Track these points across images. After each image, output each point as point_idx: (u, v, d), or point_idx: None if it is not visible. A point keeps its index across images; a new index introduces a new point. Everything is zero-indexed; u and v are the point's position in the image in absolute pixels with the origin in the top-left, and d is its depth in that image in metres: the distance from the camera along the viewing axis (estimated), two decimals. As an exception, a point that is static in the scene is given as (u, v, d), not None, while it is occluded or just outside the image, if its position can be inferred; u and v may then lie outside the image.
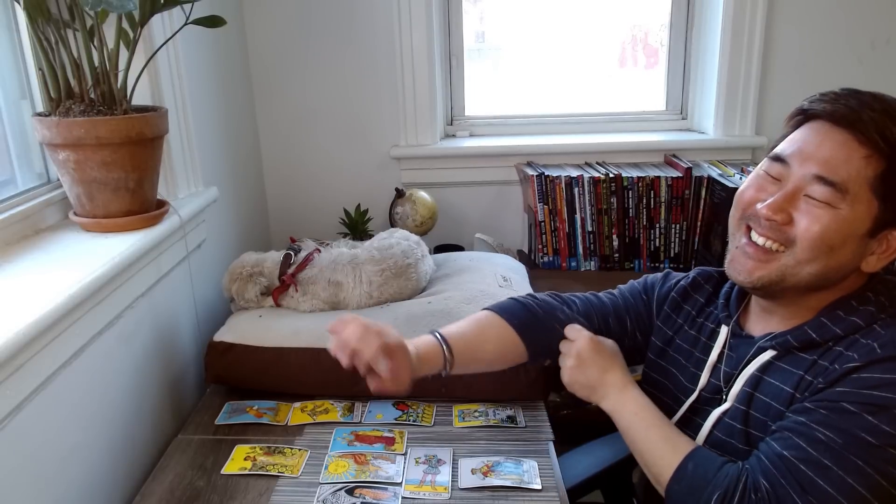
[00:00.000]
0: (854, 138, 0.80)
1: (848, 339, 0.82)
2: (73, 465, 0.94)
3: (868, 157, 0.79)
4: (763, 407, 0.86)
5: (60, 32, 1.02)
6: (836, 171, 0.80)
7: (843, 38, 1.82)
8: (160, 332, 1.22)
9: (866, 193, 0.79)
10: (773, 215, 0.83)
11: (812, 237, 0.81)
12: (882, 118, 0.79)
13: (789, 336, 0.86)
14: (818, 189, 0.81)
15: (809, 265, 0.83)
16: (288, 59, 1.85)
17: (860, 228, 0.81)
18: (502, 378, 1.17)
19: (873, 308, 0.83)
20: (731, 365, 0.93)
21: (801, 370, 0.84)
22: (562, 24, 2.05)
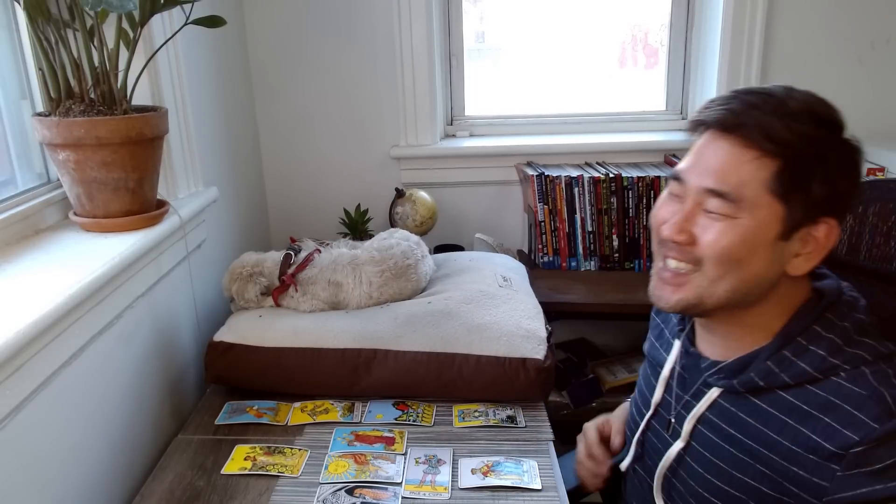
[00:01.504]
0: (740, 143, 0.76)
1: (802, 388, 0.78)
2: (73, 465, 0.94)
3: (757, 159, 0.75)
4: (726, 455, 0.83)
5: (60, 32, 1.02)
6: (727, 181, 0.76)
7: (843, 38, 1.82)
8: (160, 332, 1.22)
9: (765, 197, 0.75)
10: (674, 236, 0.80)
11: (716, 253, 0.78)
12: (765, 117, 0.75)
13: (734, 381, 0.82)
14: (713, 202, 0.77)
15: (722, 282, 0.79)
16: (288, 59, 1.85)
17: (767, 234, 0.77)
18: (502, 378, 1.18)
19: (823, 351, 0.78)
20: (682, 386, 0.92)
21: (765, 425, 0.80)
22: (562, 24, 2.05)
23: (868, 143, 1.39)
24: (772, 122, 0.75)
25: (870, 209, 1.14)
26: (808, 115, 0.76)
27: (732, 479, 0.83)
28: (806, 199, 0.76)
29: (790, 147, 0.75)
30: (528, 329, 1.23)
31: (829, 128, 0.77)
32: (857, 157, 0.78)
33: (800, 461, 0.76)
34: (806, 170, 0.75)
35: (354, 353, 1.20)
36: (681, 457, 0.89)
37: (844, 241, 1.16)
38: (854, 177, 0.78)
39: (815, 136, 0.75)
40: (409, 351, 1.19)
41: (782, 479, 0.78)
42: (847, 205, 0.80)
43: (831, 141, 0.76)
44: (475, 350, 1.19)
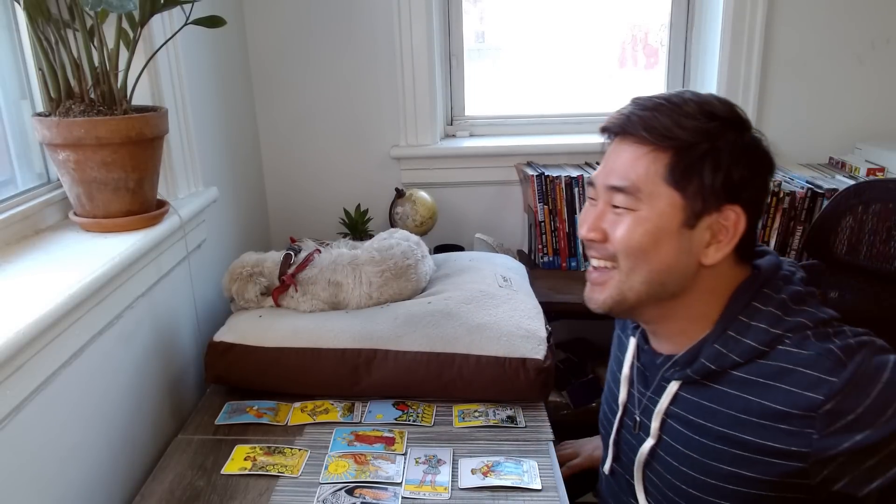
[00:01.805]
0: (635, 142, 0.82)
1: (754, 363, 0.80)
2: (73, 465, 0.94)
3: (650, 153, 0.80)
4: (697, 446, 0.85)
5: (60, 32, 1.02)
6: (626, 176, 0.82)
7: (843, 38, 1.82)
8: (160, 332, 1.22)
9: (662, 188, 0.80)
10: (588, 234, 0.86)
11: (622, 244, 0.82)
12: (649, 114, 0.80)
13: (689, 370, 0.85)
14: (618, 198, 0.83)
15: (635, 274, 0.83)
16: (288, 60, 1.85)
17: (670, 223, 0.81)
18: (502, 378, 1.18)
19: (765, 324, 0.81)
20: (643, 383, 0.94)
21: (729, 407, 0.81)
22: (562, 24, 2.05)
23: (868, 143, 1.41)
24: (661, 118, 0.80)
25: (870, 209, 1.14)
26: (701, 111, 0.81)
27: (708, 469, 0.84)
28: (701, 188, 0.80)
29: (677, 139, 0.79)
30: (528, 329, 1.23)
31: (721, 121, 0.81)
32: (752, 147, 0.82)
33: (772, 433, 0.78)
34: (696, 159, 0.79)
35: (354, 353, 1.20)
36: (654, 453, 0.90)
37: (844, 241, 1.16)
38: (752, 166, 0.81)
39: (704, 129, 0.79)
40: (409, 351, 1.19)
41: (760, 455, 0.79)
42: (752, 193, 0.82)
43: (721, 132, 0.80)
44: (475, 350, 1.19)
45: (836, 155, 1.86)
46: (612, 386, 1.04)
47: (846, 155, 1.84)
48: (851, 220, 1.16)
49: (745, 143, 0.81)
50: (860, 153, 1.82)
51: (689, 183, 0.80)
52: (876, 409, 0.73)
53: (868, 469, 0.74)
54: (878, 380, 0.74)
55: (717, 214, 0.81)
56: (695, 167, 0.79)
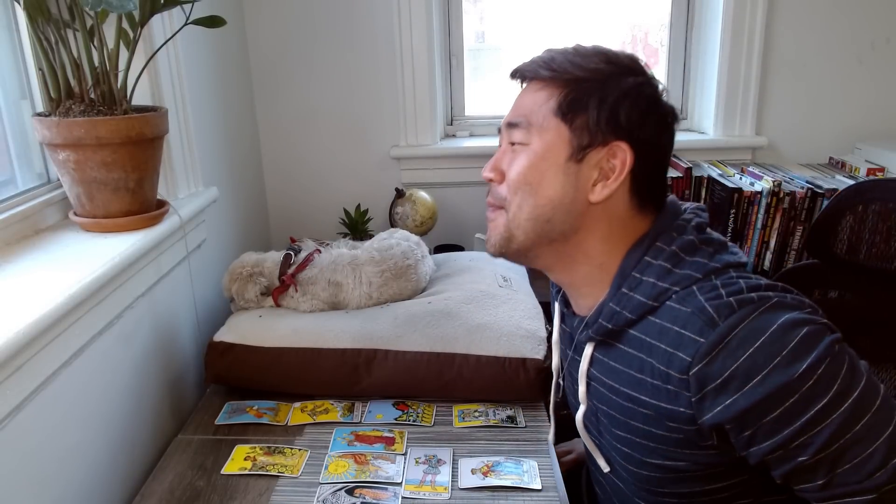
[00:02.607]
0: (530, 84, 0.86)
1: (645, 321, 0.79)
2: (72, 465, 0.94)
3: (543, 89, 0.83)
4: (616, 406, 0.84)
5: (60, 32, 1.02)
6: (520, 113, 0.84)
7: (843, 38, 1.83)
8: (160, 332, 1.22)
9: (552, 121, 0.82)
10: (486, 174, 0.87)
11: (512, 177, 0.84)
12: (545, 56, 0.84)
13: (590, 332, 0.85)
14: (514, 134, 0.85)
15: (521, 211, 0.83)
16: (288, 59, 1.85)
17: (557, 156, 0.81)
18: (502, 378, 1.18)
19: (652, 278, 0.79)
20: (568, 344, 0.94)
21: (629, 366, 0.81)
22: (562, 24, 2.05)
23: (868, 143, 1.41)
24: (559, 59, 0.83)
25: (870, 209, 1.14)
26: (599, 56, 0.83)
27: (629, 427, 0.83)
28: (586, 122, 0.81)
29: (568, 74, 0.82)
30: (528, 329, 1.23)
31: (617, 66, 0.83)
32: (645, 92, 0.82)
33: (662, 394, 0.77)
34: (583, 94, 0.81)
35: (354, 353, 1.20)
36: (592, 415, 0.90)
37: (845, 241, 1.17)
38: (640, 106, 0.81)
39: (597, 69, 0.82)
40: (409, 351, 1.20)
41: (658, 415, 0.78)
42: (643, 135, 0.81)
43: (614, 74, 0.82)
44: (475, 350, 1.19)
45: (836, 155, 1.86)
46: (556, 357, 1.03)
47: (846, 155, 1.84)
48: (852, 220, 1.16)
49: (637, 85, 0.82)
50: (860, 153, 1.82)
51: (575, 116, 0.81)
52: (743, 375, 0.69)
53: (746, 437, 0.71)
54: (751, 343, 0.69)
55: (605, 150, 0.81)
56: (581, 101, 0.81)
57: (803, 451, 0.69)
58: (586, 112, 0.80)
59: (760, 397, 0.69)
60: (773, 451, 0.70)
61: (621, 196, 0.83)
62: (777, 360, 0.69)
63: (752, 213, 1.64)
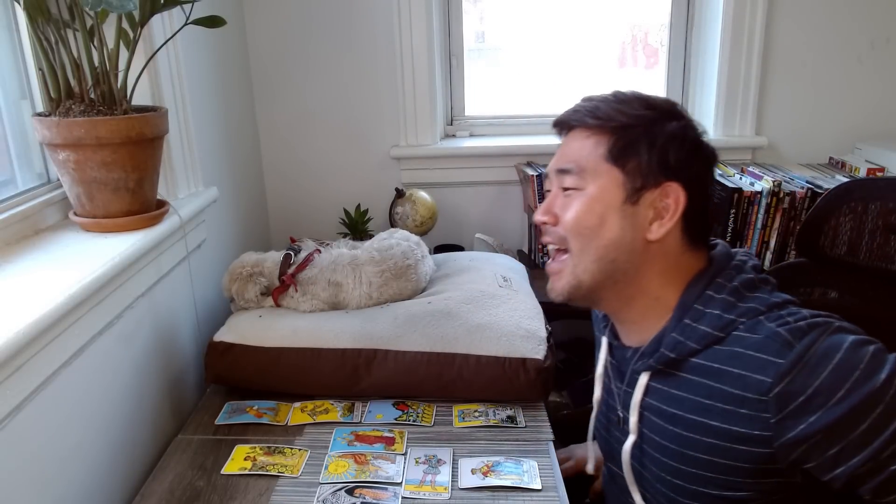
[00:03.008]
0: (576, 132, 0.90)
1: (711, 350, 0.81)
2: (73, 465, 0.94)
3: (590, 137, 0.87)
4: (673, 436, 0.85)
5: (60, 32, 1.02)
6: (571, 159, 0.88)
7: (843, 37, 1.83)
8: (160, 332, 1.22)
9: (604, 166, 0.86)
10: (540, 217, 0.90)
11: (570, 223, 0.87)
12: (593, 104, 0.89)
13: (651, 361, 0.87)
14: (566, 179, 0.88)
15: (585, 255, 0.86)
16: (288, 60, 1.85)
17: (613, 199, 0.85)
18: (502, 378, 1.18)
19: (718, 310, 0.82)
20: (618, 378, 0.95)
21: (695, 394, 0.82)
22: (561, 25, 2.05)
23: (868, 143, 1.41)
24: (603, 107, 0.88)
25: (870, 208, 1.14)
26: (637, 99, 0.88)
27: (687, 458, 0.84)
28: (639, 165, 0.85)
29: (614, 121, 0.86)
30: (528, 329, 1.23)
31: (659, 111, 0.87)
32: (689, 134, 0.87)
33: (735, 418, 0.78)
34: (634, 139, 0.85)
35: (354, 353, 1.20)
36: (638, 447, 0.91)
37: (845, 241, 1.17)
38: (688, 149, 0.86)
39: (641, 115, 0.86)
40: (409, 351, 1.20)
41: (729, 441, 0.79)
42: (691, 175, 0.86)
43: (658, 119, 0.86)
44: (475, 350, 1.19)
45: (836, 155, 1.86)
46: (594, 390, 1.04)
47: (846, 155, 1.84)
48: (851, 220, 1.16)
49: (681, 128, 0.87)
50: (860, 153, 1.82)
51: (627, 160, 0.85)
52: (826, 391, 0.72)
53: (832, 456, 0.73)
54: (829, 360, 0.73)
55: (658, 191, 0.85)
56: (632, 146, 0.85)
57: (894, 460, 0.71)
58: (637, 156, 0.85)
59: (845, 411, 0.71)
60: (864, 463, 0.72)
61: (675, 233, 0.87)
62: (856, 374, 0.72)
63: (752, 213, 1.64)
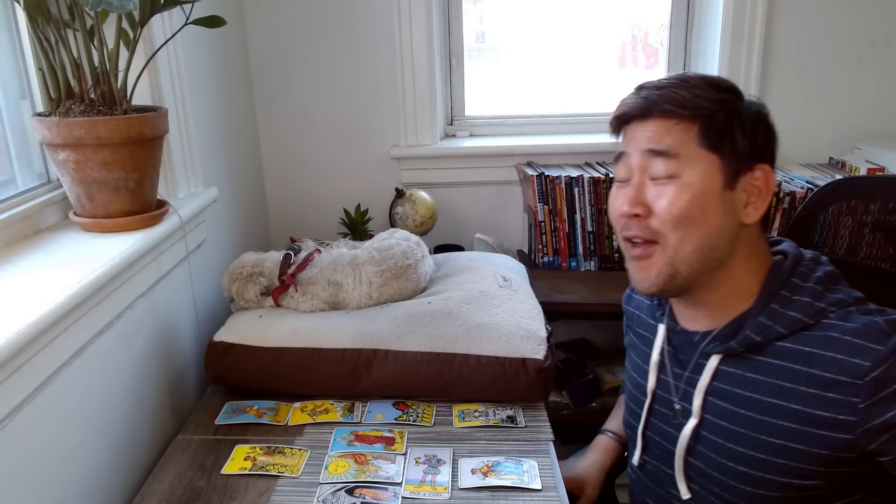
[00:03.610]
0: (661, 118, 0.85)
1: (799, 335, 0.82)
2: (73, 465, 0.94)
3: (679, 124, 0.84)
4: (744, 420, 0.85)
5: (60, 32, 1.02)
6: (662, 141, 0.84)
7: (843, 38, 1.82)
8: (160, 332, 1.22)
9: (699, 152, 0.83)
10: (632, 209, 0.85)
11: (672, 216, 0.83)
12: (668, 90, 0.85)
13: (733, 342, 0.86)
14: (657, 164, 0.84)
15: (685, 245, 0.84)
16: (288, 60, 1.85)
17: (714, 186, 0.83)
18: (502, 378, 1.18)
19: (808, 298, 0.83)
20: (678, 365, 0.94)
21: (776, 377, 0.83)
22: (561, 25, 2.05)
23: (868, 143, 1.42)
24: (679, 92, 0.85)
25: (870, 208, 1.14)
26: (707, 84, 0.86)
27: (757, 443, 0.84)
28: (734, 149, 0.84)
29: (702, 108, 0.84)
30: (528, 329, 1.23)
31: (728, 91, 0.87)
32: (763, 111, 0.88)
33: (820, 402, 0.79)
34: (724, 123, 0.84)
35: (354, 353, 1.20)
36: (696, 434, 0.90)
37: (845, 241, 1.17)
38: (767, 129, 0.87)
39: (719, 98, 0.85)
40: (409, 351, 1.20)
41: (808, 426, 0.80)
42: (772, 153, 0.88)
43: (733, 101, 0.86)
44: (475, 350, 1.19)
45: (836, 155, 1.86)
46: (637, 379, 1.03)
47: (846, 155, 1.84)
48: (851, 220, 1.16)
49: (759, 107, 0.87)
50: (860, 153, 1.82)
51: (723, 145, 0.83)
52: None
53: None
54: None
55: (750, 174, 0.85)
56: (726, 130, 0.84)
57: None
58: (733, 140, 0.84)
59: None
60: None
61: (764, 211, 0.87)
62: None
63: (752, 213, 1.64)
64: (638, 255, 0.87)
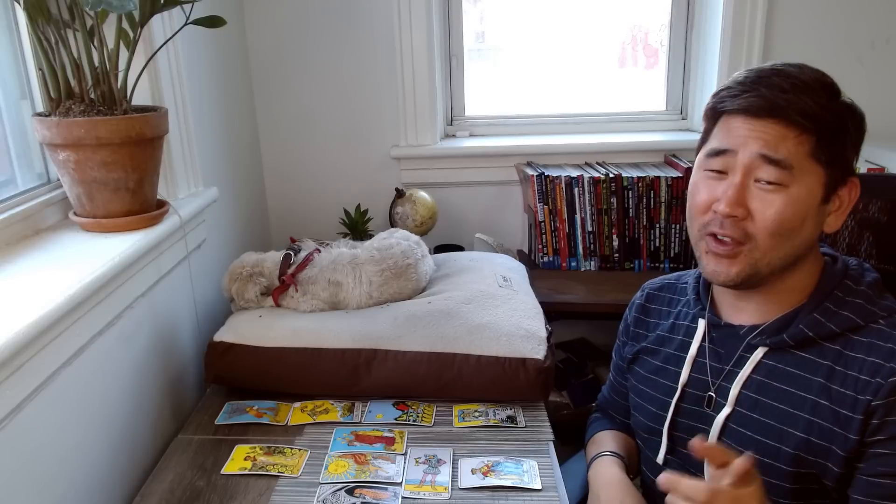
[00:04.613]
0: (779, 124, 0.81)
1: (846, 337, 0.83)
2: (73, 465, 0.94)
3: (798, 136, 0.81)
4: (774, 412, 0.86)
5: (60, 32, 1.02)
6: (778, 150, 0.81)
7: (843, 38, 1.82)
8: (160, 332, 1.22)
9: (810, 165, 0.81)
10: (732, 211, 0.83)
11: (771, 225, 0.82)
12: (796, 98, 0.81)
13: (785, 335, 0.86)
14: (767, 170, 0.81)
15: (776, 251, 0.84)
16: (288, 60, 1.85)
17: (815, 200, 0.83)
18: (502, 378, 1.18)
19: (861, 300, 0.85)
20: (717, 359, 0.94)
21: (813, 374, 0.84)
22: (561, 25, 2.05)
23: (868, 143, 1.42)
24: (803, 101, 0.81)
25: (870, 207, 1.14)
26: (823, 88, 0.83)
27: (783, 435, 0.85)
28: (842, 165, 0.83)
29: (823, 121, 0.81)
30: (528, 329, 1.23)
31: (839, 97, 0.84)
32: (864, 117, 0.86)
33: (848, 402, 0.80)
34: (840, 137, 0.83)
35: (354, 353, 1.20)
36: (726, 426, 0.90)
37: (845, 240, 1.17)
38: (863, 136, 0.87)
39: (838, 110, 0.83)
40: (409, 351, 1.20)
41: (832, 423, 0.81)
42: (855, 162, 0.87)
43: (848, 111, 0.84)
44: (475, 350, 1.19)
45: (836, 155, 1.86)
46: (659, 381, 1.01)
47: (846, 155, 1.84)
48: (851, 220, 1.16)
49: (861, 118, 0.85)
50: (860, 153, 1.82)
51: (833, 159, 0.82)
52: None
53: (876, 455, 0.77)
54: None
55: (844, 188, 0.85)
56: (839, 145, 0.83)
57: None
58: (843, 155, 0.83)
59: None
60: None
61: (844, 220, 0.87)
62: None
63: (752, 213, 1.64)
64: (724, 252, 0.86)
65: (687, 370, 0.96)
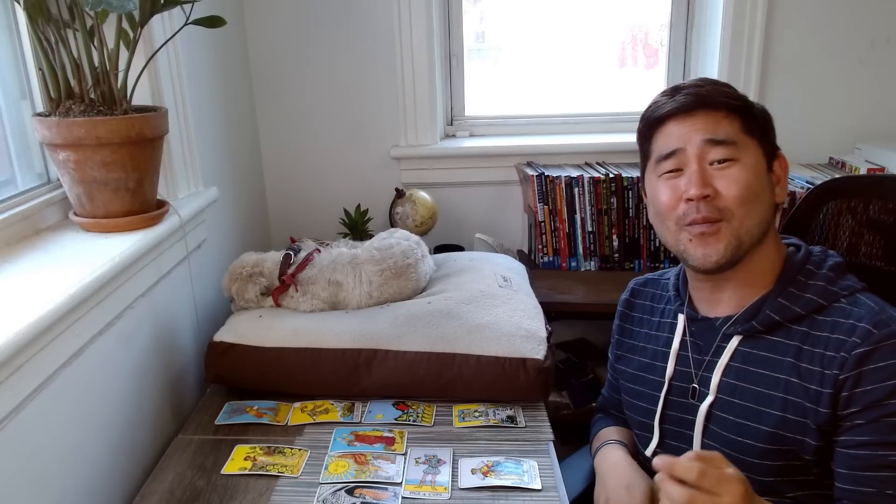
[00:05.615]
0: (709, 111, 0.93)
1: (811, 318, 0.89)
2: (73, 465, 0.94)
3: (727, 117, 0.92)
4: (752, 395, 0.91)
5: (60, 32, 1.02)
6: (717, 132, 0.92)
7: (843, 38, 1.82)
8: (160, 332, 1.22)
9: (746, 139, 0.92)
10: (703, 191, 0.90)
11: (739, 194, 0.90)
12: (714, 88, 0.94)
13: (754, 322, 0.92)
14: (716, 151, 0.91)
15: (750, 218, 0.91)
16: (288, 60, 1.85)
17: (762, 167, 0.93)
18: (502, 378, 1.18)
19: (823, 283, 0.90)
20: (698, 351, 0.99)
21: (783, 354, 0.89)
22: (561, 25, 2.05)
23: (868, 143, 1.42)
24: (720, 89, 0.94)
25: (870, 207, 1.14)
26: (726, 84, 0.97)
27: (762, 416, 0.89)
28: (767, 138, 0.95)
29: (742, 102, 0.94)
30: (528, 329, 1.23)
31: None
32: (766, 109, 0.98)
33: (814, 377, 0.86)
34: (758, 116, 0.95)
35: (354, 353, 1.20)
36: (710, 413, 0.94)
37: (845, 240, 1.17)
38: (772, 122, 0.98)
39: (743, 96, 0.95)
40: (409, 351, 1.20)
41: (803, 398, 0.86)
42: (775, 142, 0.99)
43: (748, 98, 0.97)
44: (475, 350, 1.19)
45: (836, 155, 1.86)
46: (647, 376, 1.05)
47: (846, 155, 1.84)
48: (851, 220, 1.16)
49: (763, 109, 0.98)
50: (860, 153, 1.82)
51: (762, 134, 0.94)
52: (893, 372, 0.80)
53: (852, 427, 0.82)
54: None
55: (777, 160, 0.96)
56: (761, 121, 0.95)
57: None
58: (766, 130, 0.95)
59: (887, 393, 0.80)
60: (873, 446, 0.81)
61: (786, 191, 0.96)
62: None
63: (752, 213, 1.64)
64: (705, 231, 0.92)
65: (672, 364, 1.01)
